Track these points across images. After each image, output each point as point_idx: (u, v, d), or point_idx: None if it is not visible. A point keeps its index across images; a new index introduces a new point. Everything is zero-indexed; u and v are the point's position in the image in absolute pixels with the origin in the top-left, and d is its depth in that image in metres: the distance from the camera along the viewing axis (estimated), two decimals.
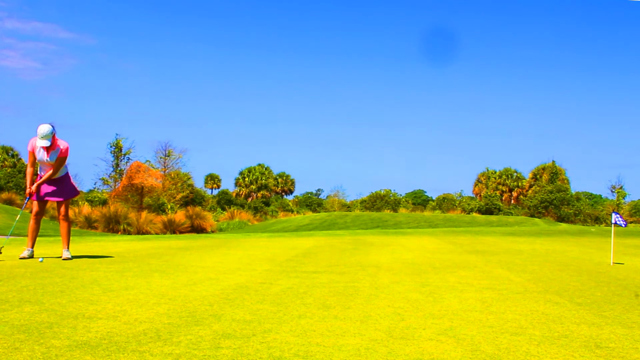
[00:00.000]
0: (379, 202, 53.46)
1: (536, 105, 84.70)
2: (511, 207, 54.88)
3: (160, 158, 49.41)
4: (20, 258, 6.97)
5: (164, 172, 47.19)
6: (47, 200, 7.18)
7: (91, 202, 38.70)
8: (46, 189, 7.13)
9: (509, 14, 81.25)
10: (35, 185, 7.05)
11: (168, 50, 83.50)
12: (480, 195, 60.76)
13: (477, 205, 49.46)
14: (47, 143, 6.89)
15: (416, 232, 19.25)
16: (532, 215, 44.36)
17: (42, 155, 7.02)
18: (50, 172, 7.07)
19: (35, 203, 7.15)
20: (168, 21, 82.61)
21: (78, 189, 7.51)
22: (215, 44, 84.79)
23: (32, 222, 7.17)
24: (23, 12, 76.58)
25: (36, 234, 7.21)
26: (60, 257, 7.17)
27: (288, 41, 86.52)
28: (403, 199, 62.37)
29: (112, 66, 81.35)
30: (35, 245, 7.49)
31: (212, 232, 31.99)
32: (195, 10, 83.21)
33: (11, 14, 75.23)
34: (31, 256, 7.09)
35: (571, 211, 45.19)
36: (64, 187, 7.20)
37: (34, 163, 7.10)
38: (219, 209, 49.53)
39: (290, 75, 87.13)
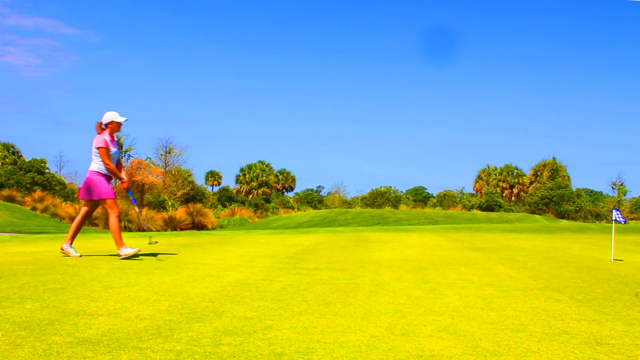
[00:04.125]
0: (379, 199, 53.47)
1: (537, 102, 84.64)
2: (512, 203, 54.90)
3: (161, 155, 49.49)
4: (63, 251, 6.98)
5: (165, 169, 47.22)
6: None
7: None
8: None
9: (510, 12, 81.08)
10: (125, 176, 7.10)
11: (170, 47, 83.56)
12: (481, 192, 60.76)
13: (478, 202, 49.47)
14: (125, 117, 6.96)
15: (417, 228, 19.25)
16: (532, 212, 44.37)
17: (112, 147, 6.92)
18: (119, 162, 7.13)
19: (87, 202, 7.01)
20: (170, 19, 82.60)
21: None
22: (216, 41, 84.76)
23: (80, 219, 7.05)
24: (25, 8, 76.58)
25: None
26: (60, 252, 7.17)
27: (289, 38, 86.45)
28: (404, 196, 62.36)
29: (114, 63, 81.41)
30: (37, 243, 7.49)
31: (213, 229, 32.00)
32: (197, 8, 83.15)
33: (13, 9, 75.20)
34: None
35: (572, 208, 45.19)
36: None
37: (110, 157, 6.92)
38: (219, 206, 49.56)
39: (291, 72, 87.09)
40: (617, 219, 7.63)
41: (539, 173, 59.55)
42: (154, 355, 2.67)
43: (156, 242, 7.76)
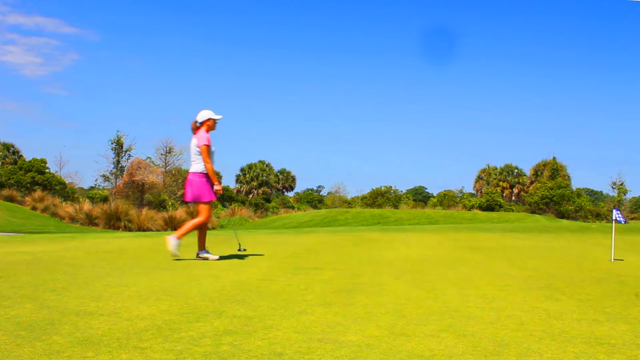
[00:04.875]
0: (379, 198, 53.47)
1: (537, 102, 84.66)
2: (512, 203, 54.89)
3: (161, 155, 49.40)
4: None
5: (165, 168, 47.21)
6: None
7: (92, 199, 38.76)
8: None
9: (510, 11, 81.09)
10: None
11: (170, 47, 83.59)
12: (481, 192, 60.74)
13: (478, 202, 49.46)
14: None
15: (417, 228, 19.23)
16: (533, 212, 44.38)
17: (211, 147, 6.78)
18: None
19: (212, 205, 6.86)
20: (171, 18, 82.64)
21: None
22: (216, 41, 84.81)
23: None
24: (26, 7, 76.57)
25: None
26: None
27: (289, 38, 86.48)
28: (404, 196, 62.40)
29: (114, 62, 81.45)
30: (37, 242, 7.49)
31: (213, 228, 31.99)
32: (197, 8, 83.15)
33: (14, 8, 75.19)
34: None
35: (572, 208, 45.19)
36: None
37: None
38: (219, 206, 49.51)
39: (290, 72, 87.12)
40: (618, 219, 7.63)
41: (539, 173, 59.51)
42: (154, 355, 2.67)
43: (245, 250, 7.70)
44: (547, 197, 45.96)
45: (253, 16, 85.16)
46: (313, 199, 62.98)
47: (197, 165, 6.74)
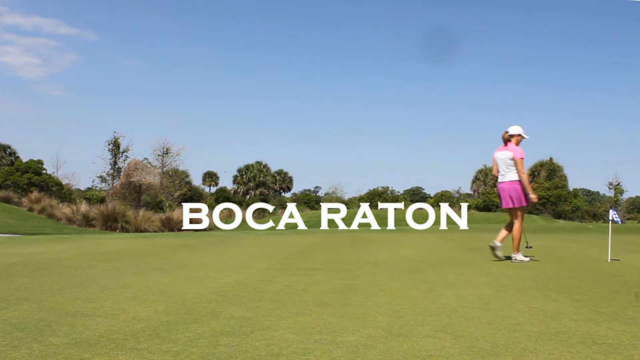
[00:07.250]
0: (377, 199, 53.49)
1: (534, 102, 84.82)
2: None
3: (159, 156, 49.36)
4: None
5: (162, 169, 47.16)
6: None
7: (89, 200, 38.69)
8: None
9: (507, 12, 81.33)
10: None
11: (169, 47, 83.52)
12: (478, 193, 60.82)
13: (475, 203, 49.52)
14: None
15: (414, 229, 19.25)
16: (530, 212, 44.41)
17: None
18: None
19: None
20: (169, 19, 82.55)
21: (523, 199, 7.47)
22: (214, 42, 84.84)
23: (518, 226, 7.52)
24: (24, 7, 76.34)
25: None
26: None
27: (286, 38, 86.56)
28: (401, 196, 62.43)
29: (113, 63, 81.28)
30: (34, 244, 7.47)
31: (211, 229, 31.93)
32: (196, 9, 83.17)
33: (12, 8, 74.95)
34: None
35: (569, 208, 45.28)
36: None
37: None
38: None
39: (288, 72, 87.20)
40: (614, 219, 7.65)
41: (536, 173, 59.55)
42: (151, 356, 2.67)
43: (531, 247, 8.05)
44: (544, 197, 46.03)
45: (252, 17, 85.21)
46: (310, 200, 62.95)
47: (511, 175, 7.48)
